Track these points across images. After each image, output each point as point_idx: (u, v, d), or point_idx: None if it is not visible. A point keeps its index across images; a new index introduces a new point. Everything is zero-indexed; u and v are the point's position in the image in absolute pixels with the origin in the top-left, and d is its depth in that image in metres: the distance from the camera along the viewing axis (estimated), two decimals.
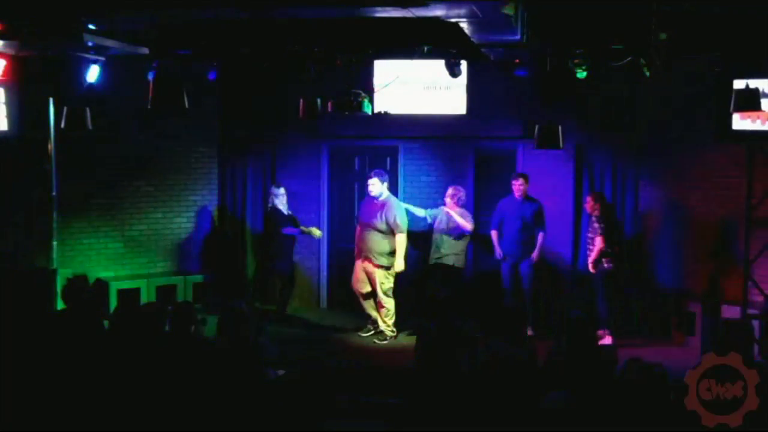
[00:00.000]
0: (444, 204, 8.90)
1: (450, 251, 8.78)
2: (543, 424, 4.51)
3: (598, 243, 8.33)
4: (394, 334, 8.58)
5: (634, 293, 9.17)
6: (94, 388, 5.15)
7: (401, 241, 8.46)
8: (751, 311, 7.89)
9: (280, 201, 9.23)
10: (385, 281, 8.49)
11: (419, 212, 9.00)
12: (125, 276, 9.39)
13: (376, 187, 8.51)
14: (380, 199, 8.53)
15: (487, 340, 5.22)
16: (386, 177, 8.65)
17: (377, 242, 8.46)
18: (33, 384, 5.31)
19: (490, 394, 4.69)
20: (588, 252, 8.56)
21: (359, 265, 8.65)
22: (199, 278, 9.80)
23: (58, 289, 8.44)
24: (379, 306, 8.58)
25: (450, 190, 8.89)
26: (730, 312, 8.15)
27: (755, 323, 7.81)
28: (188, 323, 5.91)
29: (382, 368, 7.66)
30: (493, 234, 8.96)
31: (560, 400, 4.58)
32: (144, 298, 9.12)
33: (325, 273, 10.09)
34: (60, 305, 8.37)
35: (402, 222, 8.47)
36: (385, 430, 5.28)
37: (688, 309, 8.65)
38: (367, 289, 8.61)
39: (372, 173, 8.65)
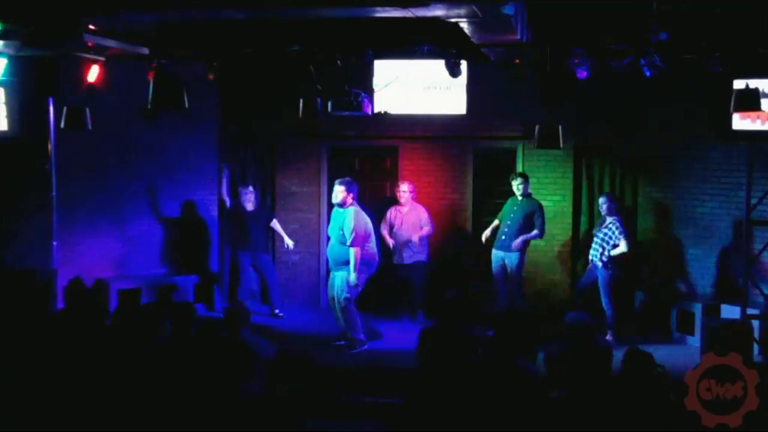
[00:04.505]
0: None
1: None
2: (544, 423, 4.52)
3: (623, 246, 8.30)
4: (364, 342, 8.28)
5: (635, 293, 9.18)
6: (94, 388, 5.15)
7: (352, 255, 7.94)
8: (751, 311, 7.89)
9: (248, 199, 9.50)
10: (343, 291, 8.08)
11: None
12: (125, 276, 9.39)
13: (340, 195, 8.04)
14: (343, 208, 8.10)
15: (492, 340, 5.21)
16: (353, 187, 8.11)
17: (336, 252, 8.14)
18: (33, 384, 5.31)
19: (491, 395, 4.69)
20: (596, 252, 8.53)
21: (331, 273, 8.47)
22: (198, 278, 9.80)
23: (58, 289, 8.48)
24: (342, 315, 8.26)
25: (406, 185, 9.33)
26: (730, 312, 8.16)
27: (755, 323, 7.82)
28: (188, 323, 5.93)
29: (382, 368, 7.65)
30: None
31: (561, 400, 4.58)
32: (144, 298, 9.11)
33: (325, 273, 10.08)
34: (60, 305, 8.40)
35: (353, 235, 7.92)
36: (385, 430, 5.28)
37: (688, 309, 8.65)
38: (332, 296, 8.31)
39: (338, 180, 8.18)
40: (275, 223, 9.76)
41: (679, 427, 4.30)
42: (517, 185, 8.77)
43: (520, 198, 8.79)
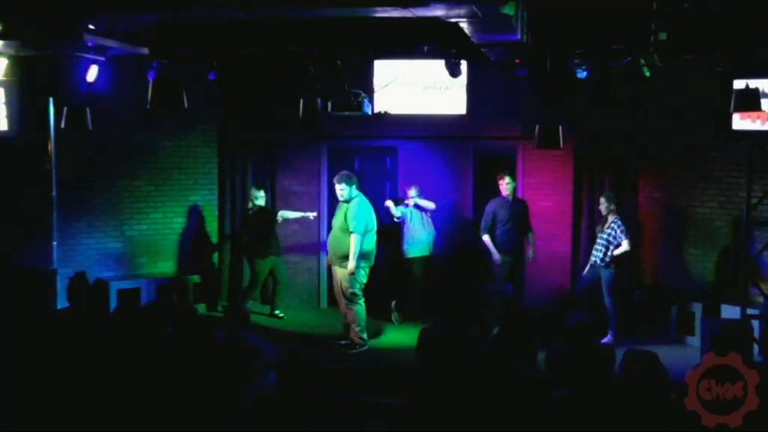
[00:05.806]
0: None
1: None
2: (545, 423, 4.51)
3: (625, 245, 8.32)
4: (365, 342, 8.28)
5: (635, 293, 9.17)
6: (95, 388, 5.15)
7: (353, 241, 8.02)
8: (751, 311, 7.89)
9: (262, 201, 9.53)
10: (349, 285, 8.12)
11: (395, 211, 9.24)
12: (125, 276, 9.39)
13: (345, 191, 8.14)
14: (350, 201, 8.17)
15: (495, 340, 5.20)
16: (353, 179, 8.21)
17: (339, 244, 8.17)
18: (33, 384, 5.31)
19: (492, 395, 4.69)
20: (600, 253, 8.52)
21: (332, 270, 8.49)
22: (198, 278, 9.80)
23: (58, 289, 8.48)
24: (346, 312, 8.28)
25: (414, 190, 9.26)
26: (730, 312, 8.16)
27: (755, 323, 7.82)
28: (188, 323, 5.92)
29: (383, 368, 7.65)
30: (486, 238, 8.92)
31: (561, 400, 4.58)
32: (144, 298, 9.11)
33: (325, 273, 10.09)
34: (60, 305, 8.40)
35: (355, 221, 8.01)
36: (385, 430, 5.28)
37: (688, 309, 8.65)
38: (339, 292, 8.33)
39: (337, 178, 8.26)
40: (284, 214, 9.64)
41: (679, 427, 4.29)
42: (513, 185, 8.84)
43: (511, 198, 8.82)
